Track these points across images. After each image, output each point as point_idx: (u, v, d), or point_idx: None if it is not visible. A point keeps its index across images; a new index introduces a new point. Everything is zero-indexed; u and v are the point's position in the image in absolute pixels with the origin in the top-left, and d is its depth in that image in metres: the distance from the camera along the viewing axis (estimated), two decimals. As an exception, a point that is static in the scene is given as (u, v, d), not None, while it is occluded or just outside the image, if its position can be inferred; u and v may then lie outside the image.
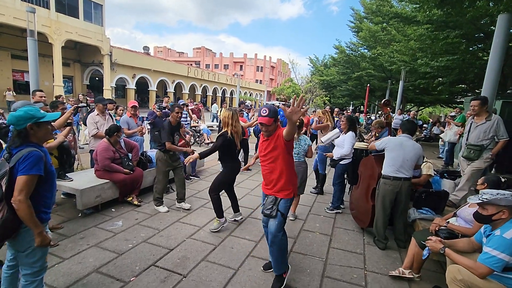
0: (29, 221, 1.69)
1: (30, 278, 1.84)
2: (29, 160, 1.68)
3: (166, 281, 2.54)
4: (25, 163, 1.68)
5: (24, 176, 1.67)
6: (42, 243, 1.75)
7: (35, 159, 1.70)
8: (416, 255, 2.69)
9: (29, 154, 1.70)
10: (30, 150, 1.72)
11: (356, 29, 19.50)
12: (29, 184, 1.68)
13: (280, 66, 62.02)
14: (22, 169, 1.67)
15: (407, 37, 11.18)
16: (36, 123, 1.78)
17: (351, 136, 4.29)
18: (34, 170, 1.69)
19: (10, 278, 1.97)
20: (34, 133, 1.79)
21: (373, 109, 27.83)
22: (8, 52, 17.87)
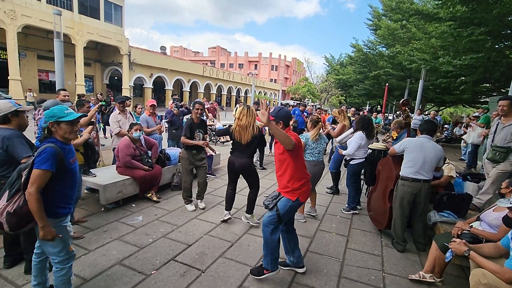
0: (35, 214, 1.77)
1: (59, 265, 1.95)
2: (43, 155, 1.78)
3: (185, 275, 2.61)
4: (39, 157, 1.77)
5: (37, 170, 1.76)
6: (44, 237, 1.81)
7: (48, 155, 1.78)
8: (437, 259, 2.63)
9: (45, 149, 1.80)
10: (47, 146, 1.82)
11: (374, 27, 19.09)
12: (40, 178, 1.76)
13: (295, 65, 61.59)
14: (37, 163, 1.77)
15: (428, 35, 10.87)
16: (56, 122, 1.87)
17: (357, 136, 4.24)
18: (45, 165, 1.76)
19: (39, 266, 2.09)
20: (56, 131, 1.89)
21: (390, 109, 27.17)
22: (35, 53, 18.72)
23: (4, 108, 2.31)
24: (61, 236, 1.89)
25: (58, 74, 6.27)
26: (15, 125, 2.38)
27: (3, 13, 14.48)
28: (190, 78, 29.18)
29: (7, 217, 1.77)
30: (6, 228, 1.81)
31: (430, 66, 11.70)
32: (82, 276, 2.49)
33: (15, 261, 2.55)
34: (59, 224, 1.91)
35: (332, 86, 33.58)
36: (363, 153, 4.30)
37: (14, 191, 1.81)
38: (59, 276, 1.95)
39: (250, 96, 27.66)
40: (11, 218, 1.78)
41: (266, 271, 2.56)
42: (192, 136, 4.02)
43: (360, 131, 4.24)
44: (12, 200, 1.80)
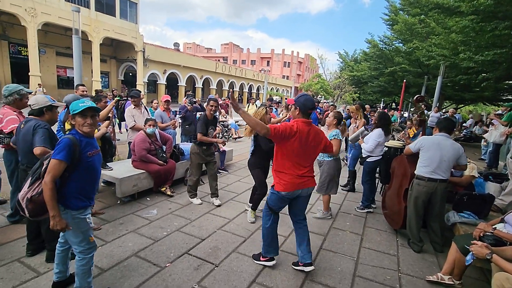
0: (47, 202, 1.80)
1: (81, 255, 2.00)
2: (58, 145, 1.83)
3: (199, 269, 2.64)
4: (56, 147, 1.84)
5: (53, 159, 1.81)
6: (54, 227, 1.83)
7: (63, 145, 1.82)
8: (457, 261, 2.54)
9: (61, 140, 1.86)
10: (64, 136, 1.88)
11: (391, 22, 18.59)
12: (55, 167, 1.80)
13: (308, 62, 60.90)
14: (53, 153, 1.83)
15: (448, 30, 10.45)
16: (73, 115, 1.93)
17: (376, 133, 4.14)
18: (59, 155, 1.80)
19: (62, 255, 2.16)
20: (75, 124, 1.95)
21: (406, 107, 26.49)
22: (53, 50, 19.27)
23: (41, 102, 2.50)
24: (71, 228, 1.92)
25: (76, 69, 6.45)
26: (48, 119, 2.55)
27: (24, 10, 14.94)
28: (202, 74, 29.36)
29: (26, 203, 1.85)
30: (27, 214, 1.89)
31: (449, 62, 11.29)
32: (100, 266, 2.55)
33: (37, 250, 2.64)
34: (77, 216, 1.95)
35: (345, 83, 33.02)
36: (380, 151, 4.20)
37: (35, 178, 1.88)
38: (81, 266, 2.01)
39: (263, 93, 27.58)
40: (29, 204, 1.86)
41: (263, 257, 2.76)
42: (207, 133, 4.03)
43: (380, 128, 4.15)
44: (33, 187, 1.87)
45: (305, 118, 2.48)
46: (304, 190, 2.56)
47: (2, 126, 2.92)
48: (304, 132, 2.42)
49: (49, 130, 2.49)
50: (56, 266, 2.17)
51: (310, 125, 2.49)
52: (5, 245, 2.77)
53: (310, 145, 2.48)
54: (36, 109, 2.50)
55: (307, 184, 2.55)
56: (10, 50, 17.08)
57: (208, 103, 4.08)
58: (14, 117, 2.94)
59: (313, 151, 2.55)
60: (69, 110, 3.16)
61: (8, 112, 2.96)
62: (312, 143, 2.49)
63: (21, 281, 2.29)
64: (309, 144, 2.47)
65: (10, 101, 2.98)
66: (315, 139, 2.51)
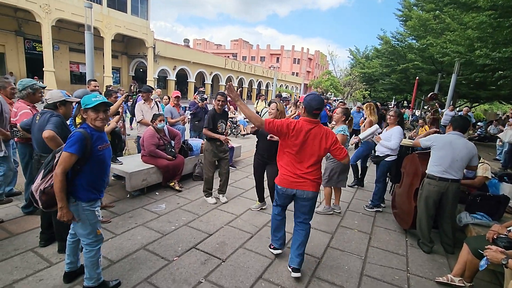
0: (56, 193, 1.84)
1: (88, 247, 2.05)
2: (70, 138, 1.87)
3: (206, 263, 2.66)
4: (67, 140, 1.87)
5: (64, 152, 1.85)
6: (61, 218, 1.89)
7: (75, 139, 1.85)
8: (469, 263, 2.48)
9: (73, 133, 1.89)
10: (76, 130, 1.90)
11: (404, 18, 18.17)
12: (66, 160, 1.83)
13: (318, 58, 60.24)
14: (65, 146, 1.87)
15: (464, 26, 10.14)
16: (85, 109, 1.95)
17: (399, 130, 4.05)
18: (71, 148, 1.84)
19: (72, 246, 2.22)
20: (86, 118, 1.98)
21: (418, 105, 25.94)
22: (67, 46, 19.64)
23: (55, 96, 2.58)
24: (78, 220, 1.97)
25: (89, 65, 6.55)
26: (62, 113, 2.62)
27: (38, 7, 15.25)
28: (212, 70, 29.43)
29: (40, 194, 1.90)
30: (40, 205, 1.93)
31: (464, 59, 10.97)
32: (109, 258, 2.60)
33: (49, 240, 2.71)
34: (87, 208, 1.99)
35: (356, 80, 32.52)
36: (398, 149, 4.14)
37: (48, 170, 1.93)
38: (88, 257, 2.05)
39: (272, 90, 27.48)
40: (42, 196, 1.91)
41: (271, 246, 2.91)
42: (215, 127, 3.97)
43: (399, 126, 4.09)
44: (45, 179, 1.91)
45: (310, 117, 2.41)
46: (299, 191, 2.44)
47: (17, 119, 3.00)
48: (303, 131, 2.36)
49: (63, 121, 2.56)
50: (67, 257, 2.22)
51: (314, 125, 2.39)
52: (19, 235, 2.85)
53: (309, 146, 2.38)
54: (51, 103, 2.56)
55: (303, 186, 2.42)
56: (26, 46, 17.50)
57: (215, 98, 4.06)
58: (27, 111, 3.01)
59: (313, 152, 2.40)
60: (80, 105, 3.23)
61: (22, 106, 3.03)
62: (312, 144, 2.38)
63: (34, 270, 2.36)
64: (308, 144, 2.38)
65: (24, 95, 3.05)
66: (316, 141, 2.38)
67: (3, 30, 16.21)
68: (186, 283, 2.37)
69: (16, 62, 17.02)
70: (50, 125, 2.41)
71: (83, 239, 2.05)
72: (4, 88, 3.32)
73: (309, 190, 2.43)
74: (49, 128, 2.38)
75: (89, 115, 1.95)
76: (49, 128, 2.39)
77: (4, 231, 2.90)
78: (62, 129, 2.49)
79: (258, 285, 2.43)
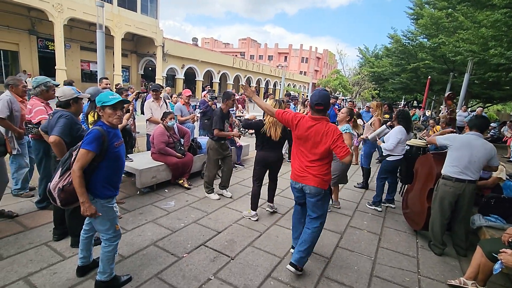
0: (76, 189, 1.88)
1: (107, 242, 2.09)
2: (88, 136, 1.90)
3: (215, 261, 2.67)
4: (85, 138, 1.90)
5: (82, 149, 1.89)
6: (84, 212, 1.92)
7: (93, 136, 1.89)
8: (482, 266, 2.43)
9: (91, 131, 1.92)
10: (93, 128, 1.93)
11: (415, 16, 17.84)
12: (84, 157, 1.87)
13: (326, 57, 59.74)
14: (82, 143, 1.90)
15: (477, 24, 9.91)
16: (102, 106, 1.98)
17: (397, 130, 4.00)
18: (89, 146, 1.87)
19: (86, 241, 2.26)
20: (102, 115, 2.00)
21: (429, 105, 25.47)
22: (78, 44, 19.95)
23: (68, 94, 2.60)
24: (100, 215, 2.00)
25: (100, 63, 6.62)
26: (74, 110, 2.66)
27: (51, 6, 15.54)
28: (220, 69, 29.50)
29: (58, 192, 1.93)
30: (59, 203, 1.97)
31: (478, 59, 10.70)
32: (121, 254, 2.64)
33: (63, 235, 2.77)
34: (106, 205, 2.04)
35: (365, 79, 32.13)
36: (401, 150, 4.06)
37: (65, 168, 1.96)
38: (106, 252, 2.09)
39: (279, 89, 27.42)
40: (61, 194, 1.94)
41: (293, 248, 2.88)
42: (224, 127, 4.00)
43: (400, 126, 4.01)
44: (63, 177, 1.95)
45: (312, 113, 2.45)
46: (304, 186, 2.48)
47: (31, 116, 3.06)
48: (306, 126, 2.43)
49: (71, 121, 2.56)
50: (80, 251, 2.27)
51: (316, 121, 2.40)
52: (34, 229, 2.92)
53: (311, 141, 2.42)
54: (63, 101, 2.60)
55: (306, 180, 2.46)
56: (38, 45, 17.84)
57: (228, 98, 4.05)
58: (41, 108, 3.07)
59: (315, 148, 2.41)
60: (93, 103, 3.29)
61: (36, 103, 3.09)
62: (314, 140, 2.40)
63: (48, 264, 2.41)
64: (310, 140, 2.42)
65: (38, 92, 3.11)
66: (317, 137, 2.38)
67: (17, 29, 16.56)
68: (196, 279, 2.38)
69: (29, 61, 17.38)
70: (57, 129, 2.44)
71: (103, 235, 2.09)
72: (16, 86, 3.39)
73: (311, 185, 2.44)
74: (55, 133, 2.43)
75: (106, 112, 1.98)
76: (56, 133, 2.43)
77: (19, 225, 2.97)
78: (70, 129, 2.53)
79: (267, 283, 2.43)
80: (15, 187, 3.60)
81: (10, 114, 3.23)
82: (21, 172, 3.55)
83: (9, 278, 2.21)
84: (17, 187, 3.59)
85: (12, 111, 3.25)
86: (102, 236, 2.09)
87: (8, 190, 3.43)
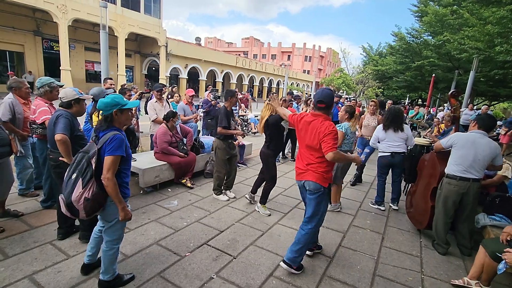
0: (115, 197, 1.93)
1: (110, 245, 2.10)
2: (114, 142, 1.90)
3: (218, 259, 2.68)
4: (111, 145, 1.90)
5: (111, 156, 1.89)
6: (125, 217, 2.00)
7: (119, 141, 1.92)
8: (486, 266, 2.40)
9: (114, 137, 1.92)
10: (114, 133, 1.94)
11: (420, 14, 17.69)
12: (115, 163, 1.91)
13: (329, 56, 59.47)
14: (109, 150, 1.89)
15: (483, 21, 9.78)
16: (120, 110, 1.99)
17: (376, 129, 4.26)
18: (118, 151, 1.91)
19: (97, 239, 2.28)
20: (117, 118, 2.01)
21: (433, 103, 25.22)
22: (82, 45, 20.10)
23: (69, 95, 2.63)
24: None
25: (104, 63, 6.69)
26: (75, 111, 2.68)
27: (55, 7, 15.67)
28: (223, 69, 29.53)
29: (85, 203, 1.87)
30: (83, 214, 1.91)
31: (483, 56, 10.58)
32: (124, 252, 2.67)
33: (67, 234, 2.81)
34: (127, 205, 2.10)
35: (369, 77, 31.93)
36: (385, 147, 4.11)
37: (88, 178, 1.89)
38: (109, 255, 2.11)
39: (283, 88, 27.35)
40: (89, 203, 1.89)
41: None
42: (229, 124, 3.97)
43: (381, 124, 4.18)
44: (87, 186, 1.88)
45: (315, 110, 2.51)
46: (306, 182, 2.49)
47: (35, 117, 3.10)
48: (305, 122, 2.51)
49: (70, 120, 2.58)
50: (90, 249, 2.28)
51: (315, 118, 2.46)
52: (38, 228, 2.96)
53: (308, 137, 2.46)
54: (65, 101, 2.62)
55: (305, 176, 2.50)
56: (43, 46, 18.00)
57: (232, 95, 4.02)
58: (46, 109, 3.10)
59: (311, 143, 2.44)
60: (97, 103, 3.31)
61: (40, 103, 3.12)
62: (310, 136, 2.45)
63: (53, 262, 2.45)
64: (307, 136, 2.47)
65: (42, 92, 3.14)
66: (313, 132, 2.42)
67: (23, 30, 16.74)
68: (198, 278, 2.40)
69: (34, 61, 17.56)
70: (60, 127, 2.47)
71: (109, 236, 2.09)
72: (19, 88, 3.40)
73: (310, 180, 2.46)
74: (60, 132, 2.45)
75: (124, 115, 2.03)
76: (60, 131, 2.45)
77: (24, 224, 3.01)
78: (70, 128, 2.56)
79: (269, 282, 2.44)
80: (21, 187, 3.64)
81: (12, 117, 3.27)
82: (26, 172, 3.60)
83: (14, 276, 2.24)
84: (22, 187, 3.64)
85: (15, 113, 3.29)
86: (108, 237, 2.09)
87: (13, 189, 3.47)
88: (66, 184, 1.93)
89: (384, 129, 4.11)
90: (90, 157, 1.91)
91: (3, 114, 3.19)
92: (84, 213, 1.91)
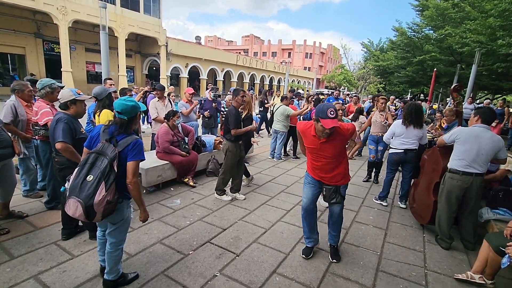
0: (138, 199, 1.98)
1: (114, 246, 2.11)
2: (138, 147, 1.95)
3: (221, 257, 2.70)
4: (135, 150, 1.93)
5: (135, 161, 1.92)
6: (146, 218, 2.07)
7: (141, 146, 1.97)
8: (490, 260, 2.40)
9: (137, 142, 1.95)
10: (135, 138, 1.97)
11: (421, 8, 17.55)
12: (138, 167, 1.96)
13: (330, 52, 59.24)
14: (134, 156, 1.92)
15: (485, 14, 9.70)
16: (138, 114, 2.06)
17: (394, 123, 4.12)
18: (141, 155, 1.96)
19: (104, 243, 2.26)
20: (135, 122, 2.06)
21: (435, 98, 25.08)
22: (83, 46, 20.16)
23: (65, 96, 2.63)
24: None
25: (104, 64, 6.70)
26: (73, 112, 2.69)
27: (55, 9, 15.71)
28: (223, 67, 29.50)
29: (107, 205, 1.85)
30: (99, 217, 1.85)
31: (486, 49, 10.48)
32: (128, 252, 2.69)
33: (71, 234, 2.83)
34: (130, 205, 2.13)
35: (370, 73, 31.78)
36: (399, 144, 3.99)
37: (111, 181, 1.86)
38: (114, 256, 2.12)
39: (284, 85, 27.29)
40: (109, 206, 1.88)
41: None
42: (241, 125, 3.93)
43: (400, 120, 4.02)
44: (110, 189, 1.86)
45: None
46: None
47: (38, 118, 3.12)
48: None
49: (69, 124, 2.57)
50: (102, 253, 2.27)
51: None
52: (43, 229, 2.98)
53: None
54: (62, 103, 2.63)
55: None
56: (44, 48, 18.09)
57: (237, 94, 3.96)
58: (47, 110, 3.12)
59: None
60: (100, 101, 3.33)
61: (42, 105, 3.14)
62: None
63: (58, 262, 2.47)
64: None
65: (43, 94, 3.16)
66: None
67: (24, 33, 16.82)
68: (202, 276, 2.41)
69: (36, 63, 17.65)
70: (60, 134, 2.48)
71: (114, 237, 2.08)
72: (22, 91, 3.43)
73: None
74: (60, 139, 2.47)
75: (138, 118, 2.09)
76: (60, 139, 2.47)
77: (29, 225, 3.04)
78: (71, 132, 2.58)
79: (272, 279, 2.44)
80: (24, 189, 3.68)
81: (14, 119, 3.29)
82: (29, 173, 3.63)
83: (20, 276, 2.27)
84: (26, 188, 3.67)
85: (18, 115, 3.31)
86: (112, 239, 2.09)
87: (17, 191, 3.50)
88: (79, 186, 1.81)
89: (405, 124, 3.94)
90: (112, 159, 1.85)
91: (5, 116, 3.22)
92: (101, 216, 1.86)
